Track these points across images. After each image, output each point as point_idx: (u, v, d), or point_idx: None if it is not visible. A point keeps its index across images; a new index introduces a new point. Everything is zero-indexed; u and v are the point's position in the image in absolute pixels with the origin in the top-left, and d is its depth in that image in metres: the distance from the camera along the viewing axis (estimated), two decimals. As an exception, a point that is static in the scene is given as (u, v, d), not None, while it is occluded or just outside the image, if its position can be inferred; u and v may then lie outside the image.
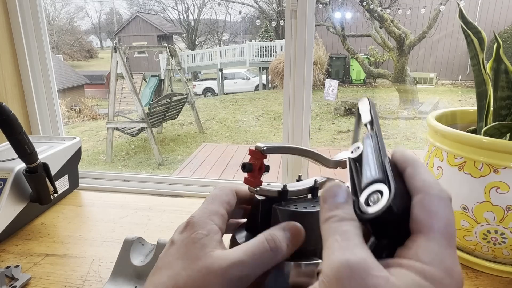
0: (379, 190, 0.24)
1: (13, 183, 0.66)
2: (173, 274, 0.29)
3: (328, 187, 0.27)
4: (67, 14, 14.75)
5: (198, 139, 5.78)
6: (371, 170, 0.26)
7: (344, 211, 0.25)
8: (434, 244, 0.22)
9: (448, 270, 0.21)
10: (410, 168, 0.26)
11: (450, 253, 0.22)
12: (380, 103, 6.82)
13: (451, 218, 0.23)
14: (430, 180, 0.25)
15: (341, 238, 0.23)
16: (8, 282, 0.54)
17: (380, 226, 0.24)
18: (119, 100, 6.23)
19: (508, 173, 0.47)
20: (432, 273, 0.21)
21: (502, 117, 0.53)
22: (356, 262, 0.21)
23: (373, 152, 0.27)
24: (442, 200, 0.24)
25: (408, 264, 0.22)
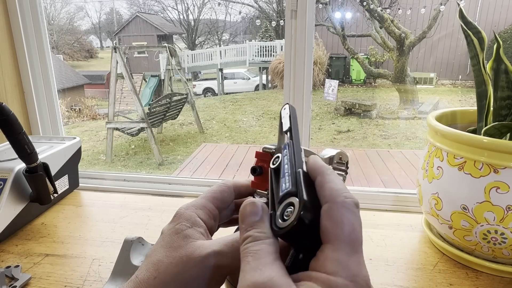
0: (291, 203, 0.24)
1: (13, 183, 0.66)
2: (156, 261, 0.31)
3: (243, 206, 0.28)
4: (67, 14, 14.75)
5: (198, 139, 5.78)
6: (286, 182, 0.26)
7: (257, 231, 0.26)
8: (339, 253, 0.23)
9: (352, 277, 0.22)
10: (319, 176, 0.26)
11: (354, 260, 0.23)
12: (380, 103, 6.82)
13: (355, 225, 0.24)
14: (336, 188, 0.25)
15: (252, 258, 0.24)
16: (8, 282, 0.54)
17: (294, 240, 0.24)
18: (119, 100, 6.23)
19: (508, 173, 0.47)
20: (336, 282, 0.22)
21: (502, 117, 0.53)
22: (262, 283, 0.22)
23: (288, 163, 0.27)
24: (346, 208, 0.24)
25: (315, 276, 0.22)
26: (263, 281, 0.22)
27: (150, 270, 0.31)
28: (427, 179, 0.56)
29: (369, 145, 5.11)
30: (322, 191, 0.25)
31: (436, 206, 0.54)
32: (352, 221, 0.24)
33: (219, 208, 0.35)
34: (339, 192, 0.25)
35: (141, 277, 0.31)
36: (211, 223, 0.34)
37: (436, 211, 0.54)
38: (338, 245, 0.23)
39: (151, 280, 0.30)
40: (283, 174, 0.26)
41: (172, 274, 0.30)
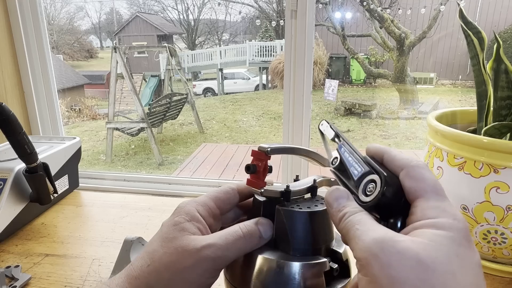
0: (371, 180, 0.28)
1: (13, 183, 0.66)
2: (151, 250, 0.32)
3: (328, 193, 0.30)
4: (67, 14, 14.74)
5: (198, 139, 5.78)
6: (357, 168, 0.30)
7: (351, 207, 0.28)
8: (432, 201, 0.26)
9: (453, 216, 0.25)
10: (386, 154, 0.30)
11: (447, 203, 0.26)
12: (380, 103, 6.82)
13: (435, 178, 0.27)
14: (406, 157, 0.29)
15: (359, 226, 0.26)
16: (8, 282, 0.54)
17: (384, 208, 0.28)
18: (119, 100, 6.23)
19: (508, 173, 0.47)
20: (443, 222, 0.25)
21: (502, 117, 0.53)
22: (381, 237, 0.24)
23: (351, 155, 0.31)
24: (422, 167, 0.28)
25: (421, 224, 0.25)
26: (381, 235, 0.24)
27: (145, 258, 0.32)
28: (427, 179, 0.56)
29: (369, 145, 5.10)
30: (395, 162, 0.29)
31: (436, 206, 0.54)
32: (431, 175, 0.27)
33: (221, 208, 0.35)
34: (410, 158, 0.28)
35: (135, 264, 0.32)
36: (210, 220, 0.34)
37: (436, 211, 0.54)
38: (429, 196, 0.26)
39: (145, 267, 0.31)
40: (350, 165, 0.31)
41: (166, 264, 0.31)
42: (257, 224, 0.33)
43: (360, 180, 0.29)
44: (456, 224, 0.24)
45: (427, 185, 0.27)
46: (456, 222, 0.25)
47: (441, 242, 0.23)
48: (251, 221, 0.34)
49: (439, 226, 0.24)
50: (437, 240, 0.23)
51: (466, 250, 0.24)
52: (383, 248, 0.23)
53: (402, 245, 0.23)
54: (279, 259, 0.32)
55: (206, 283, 0.31)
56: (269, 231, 0.33)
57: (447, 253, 0.23)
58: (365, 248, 0.24)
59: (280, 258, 0.32)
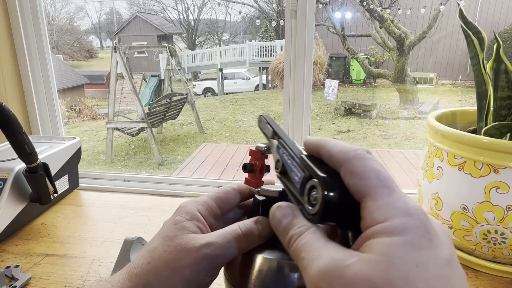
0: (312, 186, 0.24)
1: (13, 183, 0.66)
2: (152, 249, 0.32)
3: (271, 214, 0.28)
4: (67, 14, 14.74)
5: (198, 139, 5.78)
6: (297, 173, 0.26)
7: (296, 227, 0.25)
8: (379, 199, 0.22)
9: (404, 213, 0.21)
10: (322, 149, 0.26)
11: (397, 197, 0.22)
12: (380, 103, 6.82)
13: (378, 167, 0.23)
14: (343, 149, 0.25)
15: (305, 253, 0.23)
16: (8, 282, 0.54)
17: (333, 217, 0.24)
18: (119, 100, 6.23)
19: (508, 173, 0.47)
20: (394, 225, 0.21)
21: (502, 117, 0.53)
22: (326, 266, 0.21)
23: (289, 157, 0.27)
24: (362, 158, 0.24)
25: (372, 232, 0.21)
26: (325, 263, 0.21)
27: (145, 256, 0.32)
28: (427, 179, 0.56)
29: (369, 145, 5.11)
30: (332, 157, 0.25)
31: (436, 206, 0.54)
32: (373, 166, 0.23)
33: (221, 208, 0.36)
34: (347, 149, 0.24)
35: (136, 262, 0.32)
36: (211, 220, 0.35)
37: (436, 211, 0.54)
38: (374, 192, 0.22)
39: (145, 265, 0.32)
40: (290, 169, 0.27)
41: (166, 261, 0.31)
42: (256, 223, 0.33)
43: (303, 187, 0.25)
44: (410, 223, 0.21)
45: (370, 179, 0.23)
46: (410, 220, 0.21)
47: (394, 253, 0.20)
48: (250, 220, 0.34)
49: (390, 230, 0.21)
50: (390, 253, 0.20)
51: (427, 252, 0.20)
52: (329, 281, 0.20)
53: (351, 271, 0.20)
54: (276, 258, 0.32)
55: (205, 281, 0.32)
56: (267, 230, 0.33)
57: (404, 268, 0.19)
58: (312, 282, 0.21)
59: (277, 257, 0.32)
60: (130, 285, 0.31)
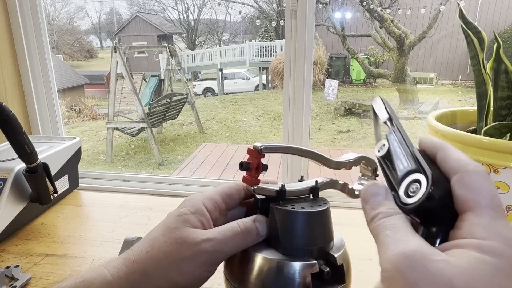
0: (416, 180, 0.24)
1: (13, 183, 0.66)
2: (152, 238, 0.33)
3: (365, 187, 0.27)
4: (67, 14, 14.74)
5: (198, 139, 5.78)
6: (403, 162, 0.26)
7: (386, 207, 0.25)
8: (484, 218, 0.22)
9: (506, 241, 0.21)
10: (440, 152, 0.26)
11: (503, 224, 0.22)
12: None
13: (494, 190, 0.23)
14: (464, 159, 0.24)
15: (391, 232, 0.23)
16: (8, 282, 0.54)
17: (426, 214, 0.24)
18: (119, 100, 6.23)
19: (508, 173, 0.47)
20: (491, 246, 0.20)
21: (502, 117, 0.53)
22: (412, 251, 0.21)
23: (400, 146, 0.27)
24: (480, 174, 0.23)
25: (464, 243, 0.21)
26: (412, 249, 0.21)
27: (145, 244, 0.33)
28: (427, 179, 0.56)
29: (369, 145, 5.11)
30: (448, 163, 0.25)
31: (436, 206, 0.54)
32: (490, 186, 0.23)
33: (227, 203, 0.36)
34: (468, 161, 0.24)
35: (134, 249, 0.33)
36: (216, 214, 0.35)
37: (436, 211, 0.54)
38: (481, 211, 0.22)
39: (143, 253, 0.32)
40: (397, 157, 0.27)
41: (165, 252, 0.31)
42: (255, 221, 0.34)
43: (404, 177, 0.25)
44: (508, 251, 0.20)
45: (482, 197, 0.22)
46: (509, 249, 0.20)
47: (483, 270, 0.20)
48: (249, 218, 0.34)
49: (486, 249, 0.20)
50: (479, 267, 0.20)
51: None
52: (411, 266, 0.20)
53: (435, 266, 0.20)
54: (276, 258, 0.32)
55: (202, 276, 0.32)
56: (266, 229, 0.34)
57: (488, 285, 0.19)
58: (392, 261, 0.21)
59: (277, 257, 0.32)
60: (126, 271, 0.31)
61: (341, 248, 0.35)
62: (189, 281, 0.31)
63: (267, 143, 0.34)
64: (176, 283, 0.31)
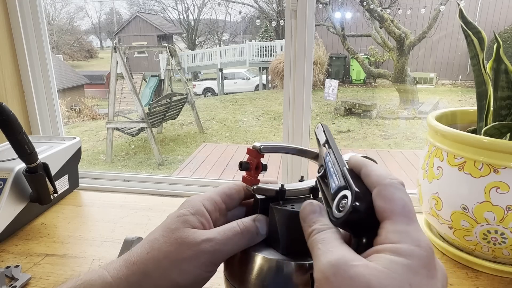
0: (345, 195, 0.28)
1: (13, 183, 0.66)
2: (152, 239, 0.33)
3: (302, 207, 0.31)
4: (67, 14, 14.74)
5: (198, 139, 5.78)
6: (335, 181, 0.29)
7: (320, 224, 0.28)
8: (398, 224, 0.25)
9: (415, 242, 0.24)
10: (363, 168, 0.29)
11: (413, 228, 0.25)
12: (380, 103, 6.82)
13: (406, 199, 0.27)
14: (382, 174, 0.28)
15: (321, 245, 0.26)
16: (8, 282, 0.54)
17: (353, 225, 0.27)
18: (119, 100, 6.23)
19: (508, 173, 0.47)
20: (403, 248, 0.24)
21: (502, 117, 0.53)
22: (336, 259, 0.24)
23: (333, 166, 0.31)
24: (394, 187, 0.27)
25: (382, 248, 0.25)
26: (336, 258, 0.24)
27: (145, 245, 0.33)
28: (427, 179, 0.56)
29: (369, 145, 5.11)
30: (369, 178, 0.28)
31: (436, 206, 0.54)
32: (402, 196, 0.26)
33: (227, 204, 0.36)
34: (384, 175, 0.28)
35: (135, 251, 0.33)
36: (216, 215, 0.35)
37: (436, 211, 0.54)
38: (395, 218, 0.25)
39: (144, 254, 0.32)
40: (331, 175, 0.30)
41: (165, 252, 0.31)
42: (255, 220, 0.34)
43: (336, 194, 0.28)
44: (417, 252, 0.24)
45: (395, 206, 0.26)
46: (417, 249, 0.24)
47: (395, 269, 0.23)
48: (249, 217, 0.35)
49: (399, 252, 0.24)
50: (392, 268, 0.23)
51: (423, 279, 0.23)
52: (335, 272, 0.24)
53: (355, 270, 0.23)
54: (276, 258, 0.32)
55: (202, 277, 0.32)
56: (265, 229, 0.34)
57: (399, 282, 0.22)
58: (321, 269, 0.25)
59: (276, 257, 0.33)
60: (126, 273, 0.31)
61: None
62: (189, 282, 0.31)
63: (266, 143, 0.35)
64: (176, 284, 0.31)
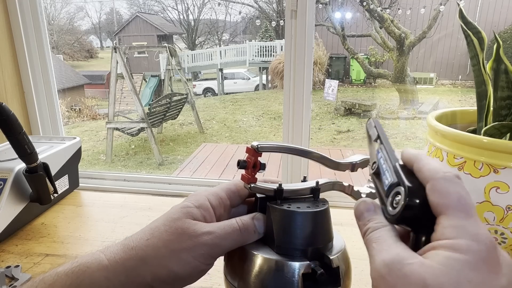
0: (398, 192, 0.27)
1: (13, 183, 0.66)
2: (154, 227, 0.34)
3: (356, 205, 0.30)
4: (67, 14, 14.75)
5: (198, 139, 5.78)
6: (387, 177, 0.29)
7: (374, 222, 0.28)
8: (453, 219, 0.24)
9: (473, 237, 0.23)
10: (415, 163, 0.28)
11: (470, 222, 0.24)
12: (380, 103, 6.82)
13: (462, 193, 0.25)
14: (434, 167, 0.27)
15: (376, 244, 0.26)
16: (8, 282, 0.54)
17: (410, 222, 0.27)
18: (119, 100, 6.23)
19: (508, 173, 0.47)
20: (459, 244, 0.23)
21: (502, 117, 0.53)
22: (390, 259, 0.24)
23: (385, 162, 0.30)
24: (449, 180, 0.26)
25: (438, 244, 0.24)
26: (391, 257, 0.24)
27: (145, 232, 0.34)
28: (427, 179, 0.56)
29: (369, 145, 5.10)
30: (422, 173, 0.27)
31: (436, 206, 0.54)
32: (457, 190, 0.25)
33: (231, 200, 0.37)
34: (437, 169, 0.26)
35: (134, 236, 0.34)
36: (220, 210, 0.36)
37: (436, 211, 0.54)
38: (451, 212, 0.24)
39: (143, 241, 0.33)
40: (383, 172, 0.29)
41: (165, 241, 0.32)
42: (253, 219, 0.35)
43: (389, 190, 0.28)
44: (475, 246, 0.23)
45: (450, 200, 0.25)
46: (475, 244, 0.23)
47: (452, 266, 0.22)
48: (248, 215, 0.35)
49: (456, 248, 0.23)
50: (448, 264, 0.22)
51: (484, 275, 0.22)
52: (390, 271, 0.23)
53: (409, 268, 0.23)
54: (275, 258, 0.32)
55: (200, 268, 0.32)
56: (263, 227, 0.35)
57: (457, 279, 0.22)
58: (376, 269, 0.24)
59: (276, 257, 0.33)
60: (124, 257, 0.32)
61: (339, 250, 0.35)
62: (186, 272, 0.32)
63: (264, 142, 0.35)
64: (173, 273, 0.31)
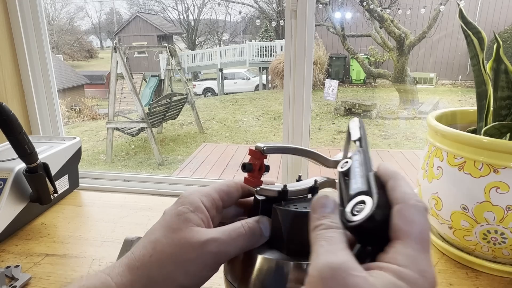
0: (363, 201, 0.26)
1: (13, 183, 0.66)
2: (154, 240, 0.31)
3: (316, 198, 0.29)
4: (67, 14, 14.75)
5: (198, 139, 5.78)
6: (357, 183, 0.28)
7: (330, 220, 0.27)
8: (409, 249, 0.24)
9: (421, 272, 0.23)
10: (391, 180, 0.28)
11: (424, 257, 0.24)
12: (380, 103, 6.82)
13: (426, 226, 0.25)
14: (408, 192, 0.27)
15: (326, 243, 0.25)
16: (8, 282, 0.54)
17: (363, 233, 0.26)
18: (119, 100, 6.23)
19: (508, 173, 0.47)
20: (407, 274, 0.23)
21: (502, 117, 0.53)
22: (337, 264, 0.23)
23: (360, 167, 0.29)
24: (418, 210, 0.26)
25: (386, 266, 0.24)
26: (338, 262, 0.23)
27: (147, 248, 0.31)
28: (427, 179, 0.56)
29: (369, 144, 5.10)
30: (394, 193, 0.27)
31: (436, 206, 0.54)
32: (423, 222, 0.25)
33: (223, 201, 0.35)
34: (411, 195, 0.26)
35: (136, 254, 0.31)
36: (213, 212, 0.34)
37: (436, 211, 0.54)
38: (409, 242, 0.24)
39: (147, 257, 0.31)
40: (354, 176, 0.29)
41: (169, 255, 0.30)
42: (259, 222, 0.33)
43: (354, 196, 0.27)
44: (420, 281, 0.23)
45: (413, 230, 0.25)
46: (421, 279, 0.23)
47: None
48: (253, 219, 0.34)
49: (403, 276, 0.23)
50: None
51: None
52: (333, 276, 0.23)
53: (354, 280, 0.22)
54: (276, 258, 0.32)
55: (206, 276, 0.32)
56: (269, 231, 0.34)
57: None
58: (318, 268, 0.23)
59: (276, 257, 0.32)
60: (131, 279, 0.30)
61: None
62: (194, 283, 0.31)
63: (270, 143, 0.34)
64: (181, 285, 0.30)
